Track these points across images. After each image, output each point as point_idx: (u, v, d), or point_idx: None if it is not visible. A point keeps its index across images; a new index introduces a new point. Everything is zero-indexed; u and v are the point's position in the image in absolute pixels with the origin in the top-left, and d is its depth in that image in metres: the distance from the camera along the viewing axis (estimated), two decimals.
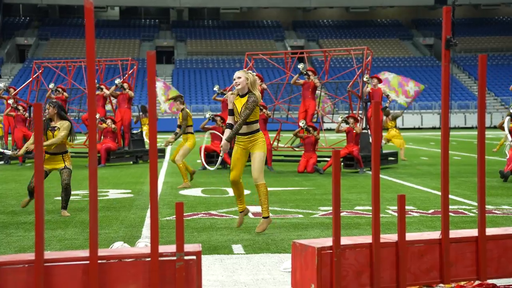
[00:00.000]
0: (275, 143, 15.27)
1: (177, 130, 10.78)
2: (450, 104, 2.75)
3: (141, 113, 19.13)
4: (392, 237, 3.23)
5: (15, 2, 55.92)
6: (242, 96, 6.58)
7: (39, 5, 56.64)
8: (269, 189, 10.42)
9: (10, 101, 16.60)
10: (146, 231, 6.68)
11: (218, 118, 13.86)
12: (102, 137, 15.75)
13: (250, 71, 6.66)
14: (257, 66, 46.22)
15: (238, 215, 6.94)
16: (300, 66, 13.95)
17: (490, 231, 3.36)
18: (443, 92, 3.05)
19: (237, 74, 6.62)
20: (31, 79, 18.03)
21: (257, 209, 8.19)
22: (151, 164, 2.74)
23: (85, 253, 2.83)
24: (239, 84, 6.54)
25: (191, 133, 10.86)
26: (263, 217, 6.57)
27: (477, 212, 3.26)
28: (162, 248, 2.86)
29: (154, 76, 2.76)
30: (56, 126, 8.07)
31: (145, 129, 18.88)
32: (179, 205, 2.79)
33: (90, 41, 2.65)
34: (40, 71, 18.09)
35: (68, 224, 7.15)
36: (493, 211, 7.93)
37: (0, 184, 11.07)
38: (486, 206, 8.11)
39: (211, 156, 14.60)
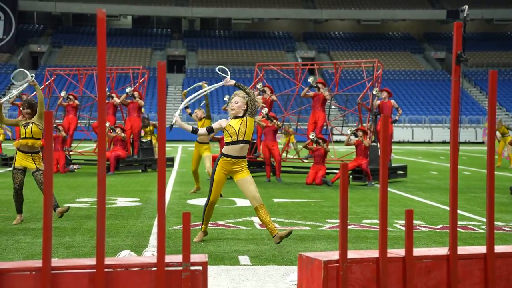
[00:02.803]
0: (284, 154, 15.25)
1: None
2: (460, 119, 2.74)
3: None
4: (400, 252, 3.21)
5: (29, 10, 56.41)
6: (236, 117, 6.50)
7: (53, 13, 57.08)
8: (276, 200, 10.42)
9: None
10: (153, 240, 6.67)
11: None
12: (111, 145, 15.80)
13: (250, 95, 6.47)
14: (268, 77, 46.31)
15: (200, 233, 6.73)
16: (310, 79, 13.97)
17: (499, 248, 3.34)
18: (453, 106, 3.04)
19: (236, 98, 6.49)
20: (43, 86, 18.14)
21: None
22: (159, 173, 2.75)
23: (92, 261, 2.83)
24: (233, 109, 6.45)
25: (207, 143, 11.41)
26: (277, 235, 6.41)
27: (486, 228, 3.23)
28: (168, 258, 2.86)
29: (164, 86, 2.77)
30: (30, 122, 7.83)
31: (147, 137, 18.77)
32: (186, 215, 2.79)
33: (102, 50, 2.67)
34: (52, 78, 18.20)
35: (76, 232, 7.16)
36: (503, 227, 7.87)
37: (10, 190, 11.12)
38: (496, 223, 8.05)
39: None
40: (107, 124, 15.69)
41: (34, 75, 8.94)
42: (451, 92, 2.99)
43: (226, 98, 14.97)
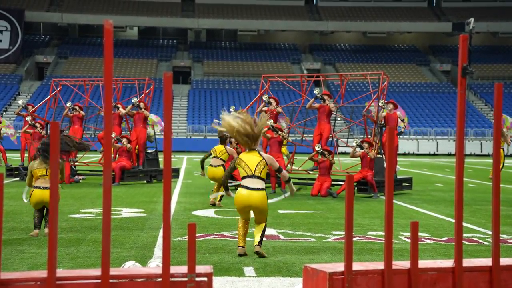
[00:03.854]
0: (289, 166, 15.25)
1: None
2: (466, 131, 2.73)
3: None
4: (405, 264, 3.20)
5: (36, 21, 56.75)
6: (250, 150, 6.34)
7: (59, 24, 57.41)
8: (281, 211, 10.41)
9: (28, 118, 16.77)
10: (158, 251, 6.67)
11: (233, 140, 13.86)
12: (117, 155, 15.83)
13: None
14: (273, 88, 46.38)
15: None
16: (316, 91, 13.99)
17: (504, 261, 3.33)
18: (459, 119, 3.05)
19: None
20: (49, 96, 18.22)
21: (269, 231, 8.16)
22: (165, 184, 2.76)
23: (97, 271, 2.83)
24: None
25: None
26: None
27: (491, 241, 3.22)
28: (173, 269, 2.86)
29: (170, 97, 2.79)
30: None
31: None
32: (191, 226, 2.79)
33: (109, 61, 2.69)
34: (58, 89, 18.28)
35: (81, 242, 7.17)
36: (508, 240, 7.84)
37: (15, 200, 11.15)
38: (501, 236, 8.02)
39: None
40: (113, 135, 15.73)
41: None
42: (457, 105, 2.99)
43: (232, 110, 14.98)
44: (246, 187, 6.28)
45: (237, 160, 6.39)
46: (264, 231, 6.50)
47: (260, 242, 6.40)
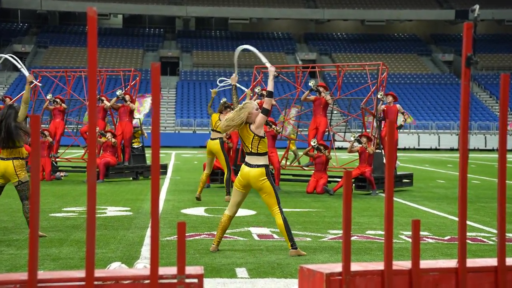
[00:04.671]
0: (283, 161, 15.26)
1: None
2: (470, 125, 2.75)
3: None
4: (406, 264, 3.22)
5: (13, 8, 56.44)
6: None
7: (39, 11, 57.14)
8: None
9: None
10: (145, 251, 6.68)
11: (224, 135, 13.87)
12: (101, 151, 15.80)
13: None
14: (266, 80, 46.36)
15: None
16: (311, 82, 13.99)
17: (510, 261, 3.35)
18: (462, 112, 3.06)
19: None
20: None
21: (262, 230, 8.18)
22: (153, 181, 2.76)
23: (81, 273, 2.83)
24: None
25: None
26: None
27: (496, 240, 3.24)
28: (162, 270, 2.86)
29: (159, 89, 2.78)
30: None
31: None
32: (181, 225, 2.79)
33: (93, 50, 2.68)
34: (38, 80, 18.20)
35: (63, 243, 7.16)
36: None
37: None
38: (507, 234, 8.07)
39: (215, 173, 14.56)
40: (97, 129, 15.69)
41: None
42: (460, 97, 3.00)
43: (222, 102, 14.96)
44: (246, 163, 6.69)
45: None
46: (287, 228, 6.61)
47: (293, 244, 6.61)
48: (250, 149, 6.66)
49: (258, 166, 6.63)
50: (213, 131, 11.67)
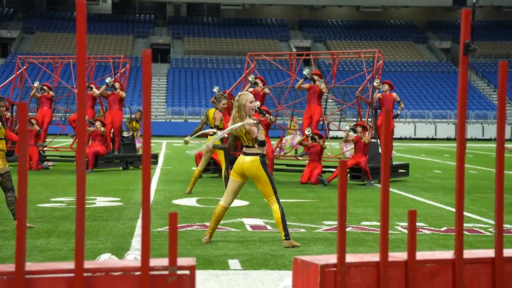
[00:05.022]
0: (277, 151, 15.27)
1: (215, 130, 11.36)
2: (467, 114, 2.75)
3: (133, 116, 19.04)
4: (402, 255, 3.23)
5: None
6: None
7: None
8: None
9: None
10: (135, 242, 6.68)
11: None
12: (90, 140, 15.76)
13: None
14: (259, 68, 46.32)
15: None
16: (306, 70, 13.98)
17: (508, 252, 3.37)
18: (460, 101, 3.06)
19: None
20: (14, 75, 18.05)
21: (255, 221, 8.20)
22: (144, 170, 2.76)
23: (70, 265, 2.83)
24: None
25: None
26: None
27: (493, 231, 3.26)
28: (153, 262, 2.86)
29: (150, 77, 2.78)
30: None
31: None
32: (172, 215, 2.79)
33: (81, 36, 2.67)
34: (24, 67, 18.12)
35: (51, 234, 7.15)
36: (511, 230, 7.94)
37: None
38: (504, 225, 8.12)
39: (208, 163, 14.51)
40: (85, 118, 15.65)
41: None
42: (458, 85, 3.01)
43: (215, 90, 14.95)
44: (244, 153, 6.82)
45: None
46: (283, 219, 6.64)
47: (286, 234, 6.63)
48: (247, 143, 6.75)
49: (253, 154, 6.71)
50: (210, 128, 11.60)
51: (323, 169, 13.74)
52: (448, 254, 3.31)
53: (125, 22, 58.70)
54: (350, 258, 3.15)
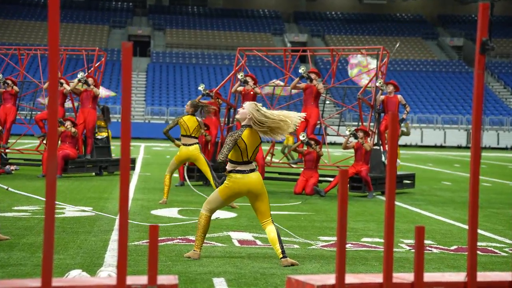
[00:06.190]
0: (268, 158, 15.29)
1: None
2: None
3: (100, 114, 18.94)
4: (407, 276, 3.24)
5: None
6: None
7: None
8: None
9: None
10: (109, 258, 6.67)
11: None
12: (59, 142, 15.71)
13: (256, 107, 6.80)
14: (250, 64, 46.39)
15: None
16: (302, 68, 14.01)
17: None
18: (475, 105, 3.08)
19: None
20: None
21: (243, 235, 8.20)
22: (122, 177, 2.75)
23: (36, 282, 2.82)
24: (239, 114, 6.82)
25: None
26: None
27: (510, 251, 3.28)
28: (130, 279, 2.86)
29: (130, 72, 2.78)
30: None
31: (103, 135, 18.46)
32: (153, 228, 2.79)
33: (54, 26, 2.66)
34: None
35: (13, 247, 7.12)
36: None
37: None
38: None
39: (191, 170, 14.53)
40: None
41: None
42: (473, 88, 3.02)
43: (200, 88, 14.93)
44: (239, 171, 6.78)
45: None
46: (279, 237, 6.69)
47: (283, 252, 6.64)
48: (248, 158, 6.76)
49: (254, 170, 6.80)
50: (187, 137, 11.34)
51: (320, 178, 13.76)
52: (459, 277, 3.32)
53: (100, 10, 58.64)
54: (350, 278, 3.16)
